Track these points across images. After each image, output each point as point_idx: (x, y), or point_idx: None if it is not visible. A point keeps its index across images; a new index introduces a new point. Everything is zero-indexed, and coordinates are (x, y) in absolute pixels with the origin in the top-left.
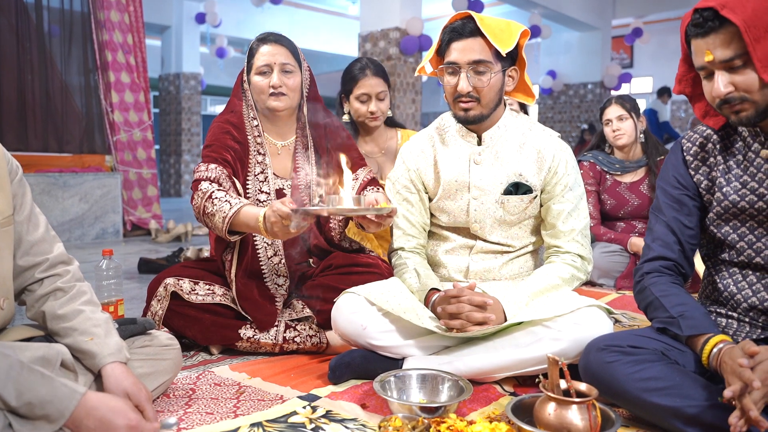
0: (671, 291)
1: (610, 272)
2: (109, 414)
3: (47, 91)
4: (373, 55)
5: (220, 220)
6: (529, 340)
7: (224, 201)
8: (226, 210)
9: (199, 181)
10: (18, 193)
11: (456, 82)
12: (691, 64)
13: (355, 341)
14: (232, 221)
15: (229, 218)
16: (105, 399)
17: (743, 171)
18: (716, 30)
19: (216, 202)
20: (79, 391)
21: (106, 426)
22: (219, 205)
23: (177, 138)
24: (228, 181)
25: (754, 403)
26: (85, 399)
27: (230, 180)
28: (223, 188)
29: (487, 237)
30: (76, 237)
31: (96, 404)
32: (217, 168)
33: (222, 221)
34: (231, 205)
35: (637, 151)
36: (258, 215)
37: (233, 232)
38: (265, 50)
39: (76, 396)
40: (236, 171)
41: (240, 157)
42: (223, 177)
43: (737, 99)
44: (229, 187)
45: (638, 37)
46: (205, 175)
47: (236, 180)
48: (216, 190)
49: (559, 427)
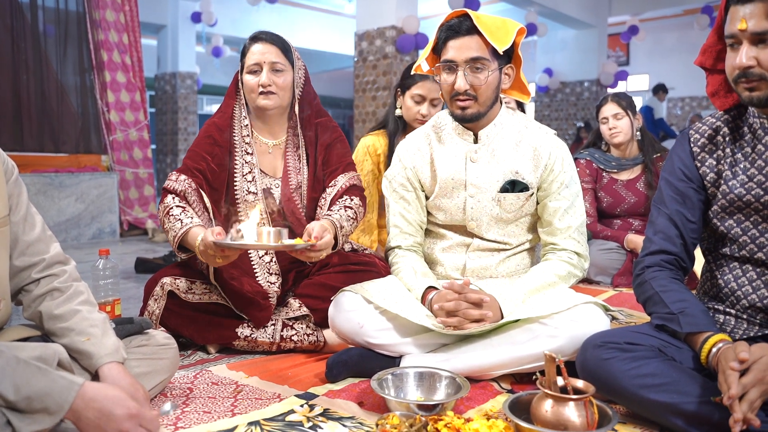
0: (672, 286)
1: (607, 269)
2: (108, 404)
3: (43, 91)
4: (369, 53)
5: (172, 238)
6: (526, 337)
7: (177, 219)
8: (177, 229)
9: (166, 194)
10: (14, 193)
11: (453, 80)
12: (721, 36)
13: (353, 339)
14: (180, 241)
15: (178, 238)
16: (103, 389)
17: (751, 164)
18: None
19: (171, 220)
20: (77, 382)
21: (106, 416)
22: (172, 223)
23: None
24: (194, 194)
25: (751, 402)
26: (84, 390)
27: (197, 193)
28: (187, 202)
29: (484, 235)
30: (73, 237)
31: (94, 394)
32: (186, 180)
33: (173, 240)
34: (181, 224)
35: (634, 149)
36: (197, 238)
37: (184, 249)
38: (256, 49)
39: (75, 387)
40: (209, 180)
41: (220, 161)
42: (190, 190)
43: (756, 75)
44: (194, 201)
45: (634, 35)
46: (172, 186)
47: (203, 193)
48: (175, 206)
49: (556, 423)
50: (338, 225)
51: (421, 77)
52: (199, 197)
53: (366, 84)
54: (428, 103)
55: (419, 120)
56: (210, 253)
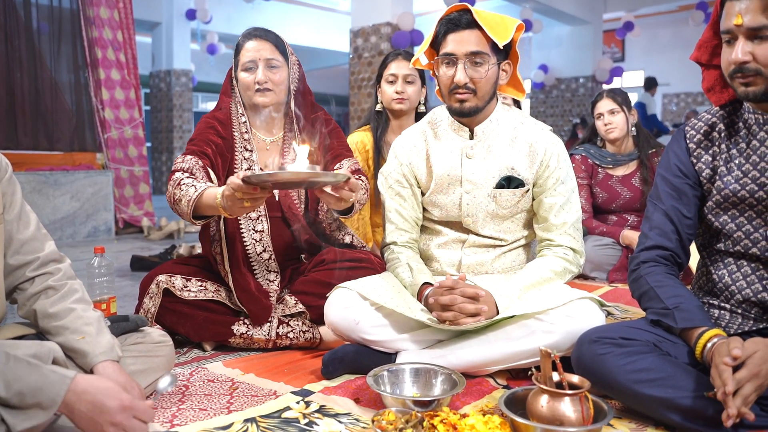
0: (667, 282)
1: (603, 265)
2: (100, 396)
3: (37, 88)
4: (364, 50)
5: (186, 204)
6: (522, 333)
7: (190, 186)
8: (191, 194)
9: (174, 172)
10: (8, 191)
11: (453, 74)
12: (717, 31)
13: (348, 336)
14: (195, 204)
15: (193, 200)
16: (95, 381)
17: (745, 159)
18: None
19: (183, 188)
20: (69, 376)
21: (99, 408)
22: (185, 190)
23: (168, 135)
24: (201, 171)
25: (746, 397)
26: (75, 383)
27: (204, 170)
28: (195, 177)
29: (480, 231)
30: (68, 235)
31: (86, 387)
32: (192, 159)
33: (187, 204)
34: (196, 188)
35: (629, 145)
36: (217, 194)
37: (198, 217)
38: (251, 46)
39: (66, 381)
40: (215, 165)
41: (222, 152)
42: (197, 167)
43: (752, 71)
44: (201, 177)
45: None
46: (179, 166)
47: (211, 172)
48: (185, 178)
49: (551, 419)
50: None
51: (392, 57)
52: (206, 174)
53: (361, 81)
54: (401, 80)
55: (396, 100)
56: (238, 197)
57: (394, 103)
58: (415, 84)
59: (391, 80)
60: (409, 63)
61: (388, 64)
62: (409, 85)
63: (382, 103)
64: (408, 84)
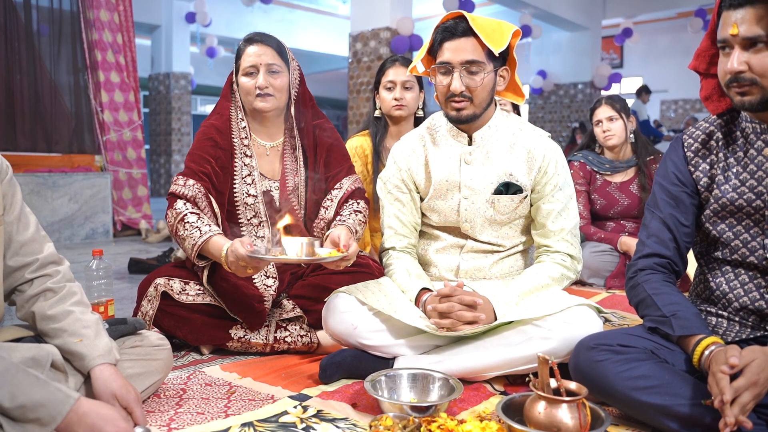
0: (664, 289)
1: (600, 272)
2: (100, 421)
3: (36, 90)
4: (363, 55)
5: (190, 247)
6: (520, 339)
7: (195, 227)
8: (196, 238)
9: (175, 198)
10: (8, 193)
11: (449, 82)
12: (714, 40)
13: (346, 341)
14: (200, 249)
15: (198, 246)
16: (97, 407)
17: (743, 168)
18: (752, 4)
19: (187, 227)
20: (73, 396)
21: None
22: (190, 231)
23: (167, 138)
24: (204, 200)
25: (743, 405)
26: (78, 404)
27: (206, 198)
28: (198, 208)
29: (478, 236)
30: (66, 237)
31: (87, 410)
32: (195, 185)
33: (191, 248)
34: (201, 233)
35: (627, 151)
36: (222, 249)
37: (202, 256)
38: (251, 51)
39: (70, 401)
40: (215, 183)
41: (223, 164)
42: (200, 195)
43: (747, 80)
44: (204, 206)
45: (628, 37)
46: (181, 191)
47: (212, 198)
48: (189, 213)
49: (549, 425)
50: (353, 230)
51: (389, 64)
52: (208, 203)
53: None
54: (400, 86)
55: (395, 107)
56: (242, 265)
57: (393, 110)
58: (413, 90)
59: (390, 87)
60: (406, 69)
61: (386, 71)
62: (407, 92)
63: (380, 109)
64: (406, 90)
